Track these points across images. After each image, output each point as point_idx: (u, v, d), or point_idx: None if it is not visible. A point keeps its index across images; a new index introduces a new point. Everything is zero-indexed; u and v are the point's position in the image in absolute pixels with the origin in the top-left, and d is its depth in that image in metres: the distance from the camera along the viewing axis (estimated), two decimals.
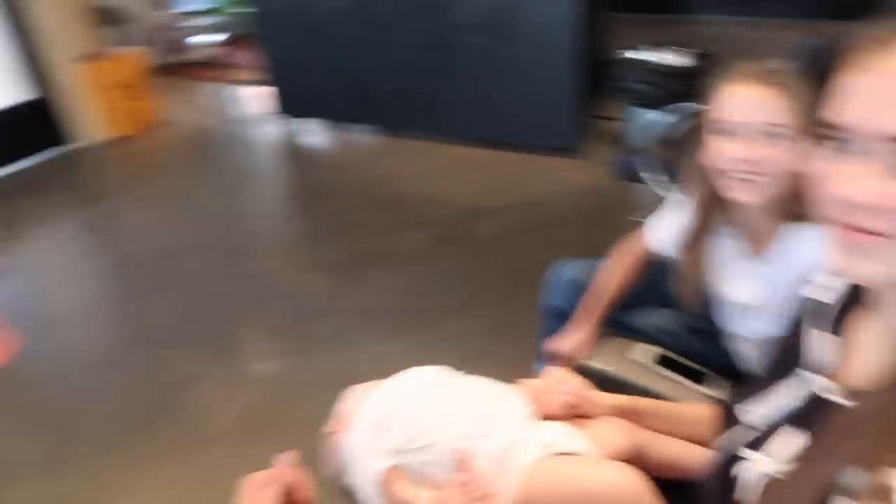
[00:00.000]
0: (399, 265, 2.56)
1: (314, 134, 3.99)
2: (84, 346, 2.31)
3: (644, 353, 1.24)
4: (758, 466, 0.65)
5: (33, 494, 1.71)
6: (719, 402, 0.87)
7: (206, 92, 5.00)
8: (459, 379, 1.00)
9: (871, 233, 0.58)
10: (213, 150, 3.97)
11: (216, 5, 5.58)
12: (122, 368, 2.16)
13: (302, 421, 1.07)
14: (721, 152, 0.98)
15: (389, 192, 3.17)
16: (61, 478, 1.75)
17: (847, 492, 0.53)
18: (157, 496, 1.68)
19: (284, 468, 0.82)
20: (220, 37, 5.45)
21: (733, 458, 0.69)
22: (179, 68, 5.35)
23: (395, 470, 0.93)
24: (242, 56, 5.13)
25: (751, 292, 1.10)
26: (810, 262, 0.79)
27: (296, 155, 3.95)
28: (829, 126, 0.57)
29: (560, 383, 0.98)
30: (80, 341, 2.34)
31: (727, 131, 0.97)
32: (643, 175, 2.69)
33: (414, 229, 2.80)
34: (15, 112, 3.75)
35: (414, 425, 0.93)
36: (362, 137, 3.88)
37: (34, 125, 3.81)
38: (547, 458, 0.87)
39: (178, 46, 5.51)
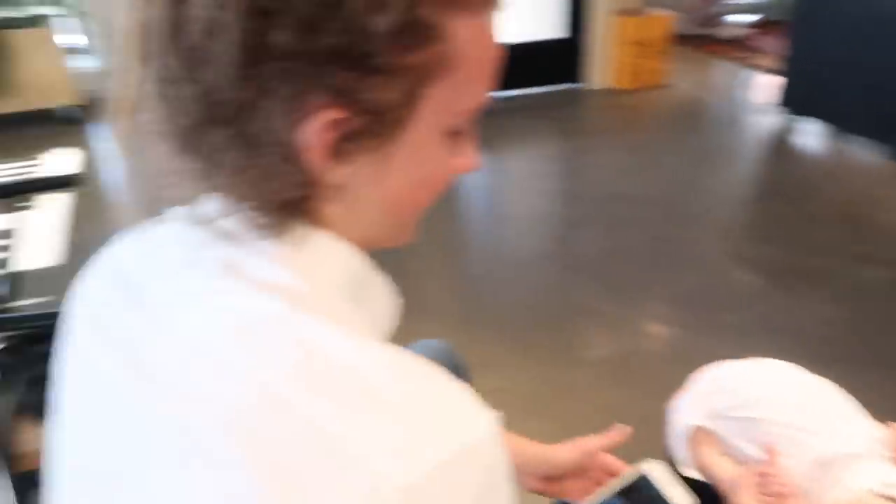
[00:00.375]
0: (838, 291, 2.28)
1: (809, 135, 3.68)
2: (515, 247, 2.69)
3: None
4: None
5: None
6: None
7: (719, 69, 4.98)
8: (819, 379, 0.93)
9: None
10: (699, 122, 3.99)
11: None
12: (537, 275, 2.47)
13: (663, 389, 1.13)
14: None
15: (866, 218, 2.79)
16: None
17: None
18: (520, 378, 1.93)
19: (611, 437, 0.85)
20: (752, 18, 5.31)
21: None
22: (701, 40, 5.41)
23: (704, 431, 0.95)
24: (767, 42, 4.93)
25: None
26: None
27: (779, 150, 3.72)
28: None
29: None
30: (513, 242, 2.73)
31: None
32: None
33: (875, 264, 2.43)
34: (548, 45, 4.36)
35: (744, 393, 0.92)
36: (862, 153, 3.43)
37: (559, 60, 4.36)
38: (879, 495, 0.77)
39: (711, 20, 5.55)
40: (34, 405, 1.13)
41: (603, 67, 4.34)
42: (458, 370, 1.06)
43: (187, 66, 0.41)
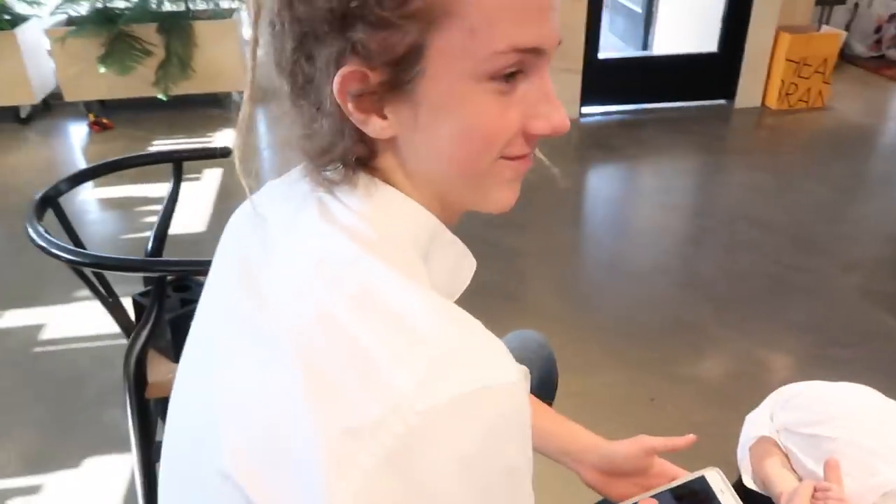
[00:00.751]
0: None
1: None
2: (629, 257, 2.69)
3: None
4: None
5: None
6: None
7: (889, 93, 4.60)
8: None
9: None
10: (855, 148, 3.73)
11: None
12: (647, 287, 2.47)
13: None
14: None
15: None
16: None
17: None
18: (611, 383, 1.97)
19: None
20: None
21: None
22: (875, 63, 5.01)
23: (770, 442, 0.95)
24: None
25: None
26: None
27: None
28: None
29: None
30: (629, 252, 2.74)
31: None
32: None
33: None
34: (700, 59, 4.24)
35: (818, 411, 0.91)
36: None
37: (711, 75, 4.22)
38: None
39: (887, 42, 5.12)
40: (171, 345, 1.35)
41: (757, 85, 4.15)
42: (548, 361, 1.11)
43: (275, 57, 0.51)
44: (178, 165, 1.57)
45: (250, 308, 0.54)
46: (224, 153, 1.61)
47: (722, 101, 4.25)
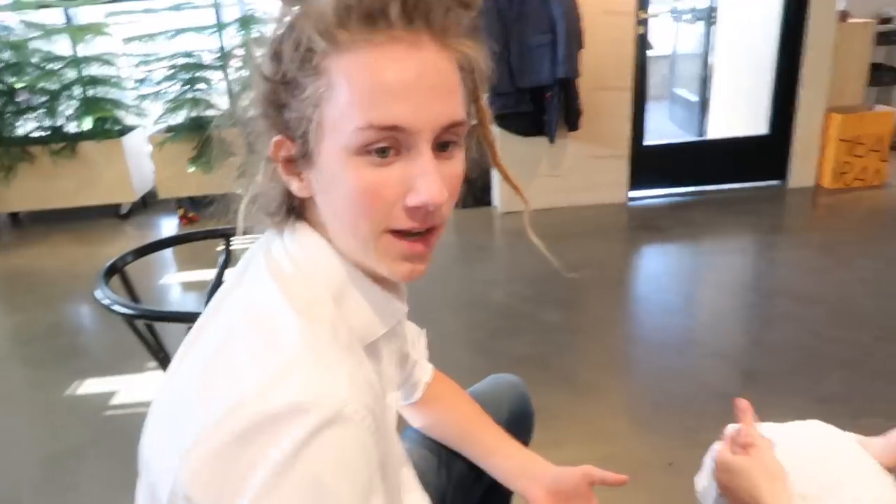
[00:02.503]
0: None
1: None
2: (663, 329, 2.73)
3: None
4: None
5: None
6: None
7: None
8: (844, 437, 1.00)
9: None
10: None
11: None
12: (677, 357, 2.49)
13: None
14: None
15: None
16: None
17: None
18: (634, 448, 2.00)
19: None
20: None
21: None
22: None
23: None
24: None
25: None
26: None
27: None
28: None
29: None
30: (663, 324, 2.77)
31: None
32: None
33: None
34: (751, 141, 4.31)
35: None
36: None
37: (763, 156, 4.28)
38: None
39: None
40: None
41: (810, 165, 4.17)
42: (520, 399, 1.18)
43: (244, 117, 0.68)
44: (227, 239, 1.83)
45: (208, 316, 0.70)
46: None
47: (775, 182, 4.27)
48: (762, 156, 4.27)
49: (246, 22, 4.34)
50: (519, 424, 1.16)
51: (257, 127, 0.66)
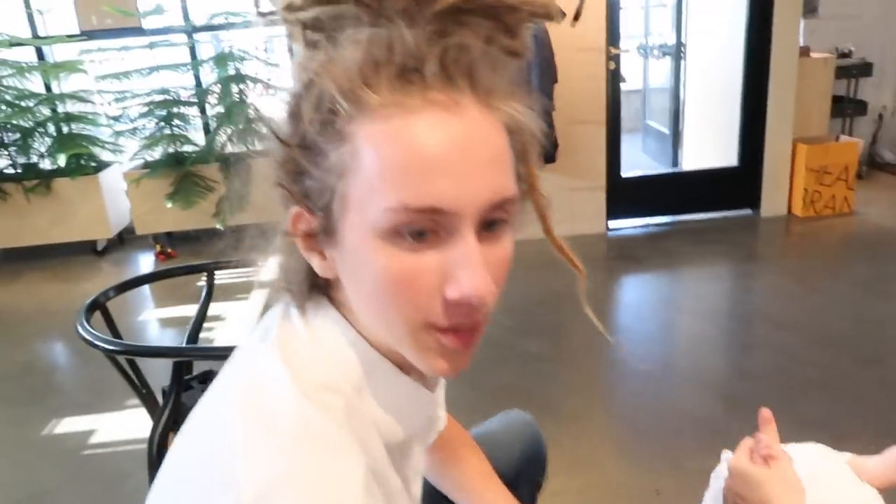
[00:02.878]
0: None
1: None
2: (642, 356, 2.75)
3: None
4: None
5: None
6: None
7: None
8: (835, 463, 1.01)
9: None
10: (883, 251, 3.74)
11: None
12: (656, 384, 2.52)
13: None
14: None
15: None
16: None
17: None
18: (615, 476, 2.00)
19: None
20: None
21: None
22: None
23: None
24: None
25: None
26: None
27: None
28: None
29: None
30: (642, 352, 2.80)
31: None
32: None
33: None
34: (722, 172, 4.42)
35: None
36: None
37: (735, 185, 4.38)
38: None
39: None
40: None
41: (781, 194, 4.28)
42: (533, 438, 1.16)
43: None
44: (210, 274, 1.82)
45: (216, 391, 0.62)
46: (246, 263, 1.85)
47: (748, 212, 4.37)
48: (734, 186, 4.37)
49: (221, 59, 4.37)
50: (532, 464, 1.13)
51: (274, 194, 0.58)
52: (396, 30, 0.50)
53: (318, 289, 0.61)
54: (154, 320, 3.44)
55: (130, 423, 2.45)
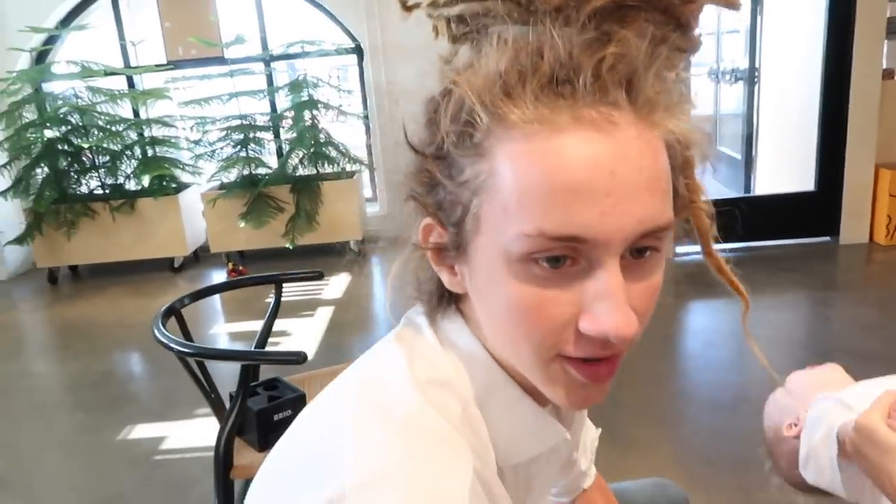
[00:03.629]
0: None
1: None
2: (722, 388, 2.66)
3: None
4: None
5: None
6: None
7: None
8: None
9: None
10: None
11: None
12: (736, 417, 2.42)
13: None
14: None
15: None
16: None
17: None
18: None
19: None
20: None
21: None
22: None
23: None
24: None
25: None
26: None
27: None
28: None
29: None
30: (721, 383, 2.70)
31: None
32: None
33: None
34: (799, 198, 4.27)
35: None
36: None
37: (812, 212, 4.22)
38: None
39: None
40: (256, 437, 1.56)
41: (862, 221, 4.09)
42: None
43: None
44: (279, 285, 1.88)
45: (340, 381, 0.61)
46: (316, 276, 1.91)
47: (826, 239, 4.19)
48: (810, 212, 4.21)
49: (296, 86, 4.54)
50: None
51: (406, 205, 0.55)
52: (547, 32, 0.45)
53: (448, 300, 0.58)
54: (224, 333, 3.56)
55: (199, 432, 2.53)
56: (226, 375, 1.78)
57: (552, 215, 0.44)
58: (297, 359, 1.28)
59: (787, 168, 4.68)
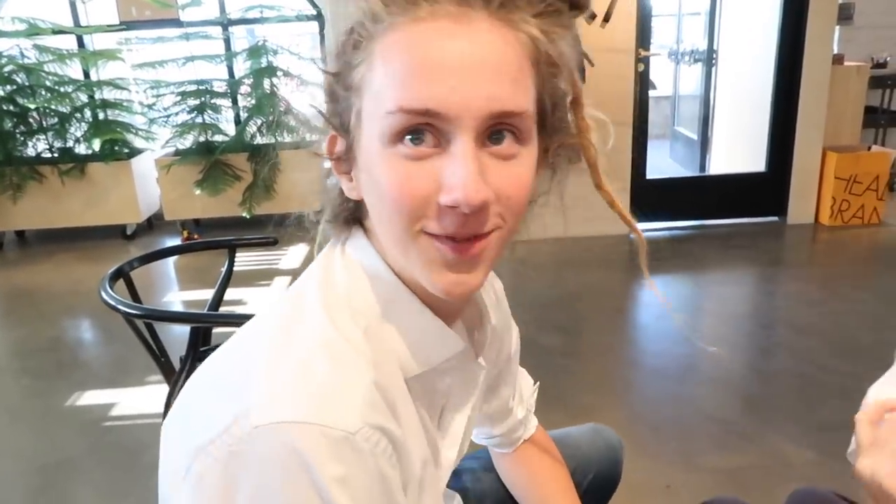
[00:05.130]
0: None
1: None
2: (660, 355, 2.74)
3: None
4: None
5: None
6: None
7: None
8: None
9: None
10: None
11: None
12: (674, 384, 2.51)
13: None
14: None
15: None
16: None
17: None
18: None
19: None
20: None
21: None
22: None
23: None
24: None
25: None
26: None
27: None
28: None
29: None
30: (661, 351, 2.78)
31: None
32: None
33: None
34: (750, 178, 4.38)
35: None
36: None
37: (762, 192, 4.33)
38: None
39: None
40: None
41: (809, 202, 4.23)
42: (610, 462, 1.11)
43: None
44: (232, 251, 1.86)
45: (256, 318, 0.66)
46: (271, 241, 1.90)
47: (774, 219, 4.32)
48: (761, 192, 4.33)
49: (255, 52, 4.45)
50: (600, 491, 1.10)
51: (318, 128, 0.61)
52: None
53: (354, 219, 0.64)
54: (177, 301, 3.51)
55: (151, 398, 2.50)
56: (177, 341, 1.77)
57: (409, 91, 0.50)
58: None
59: (740, 149, 4.79)
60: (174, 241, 4.49)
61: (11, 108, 4.43)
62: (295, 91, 4.63)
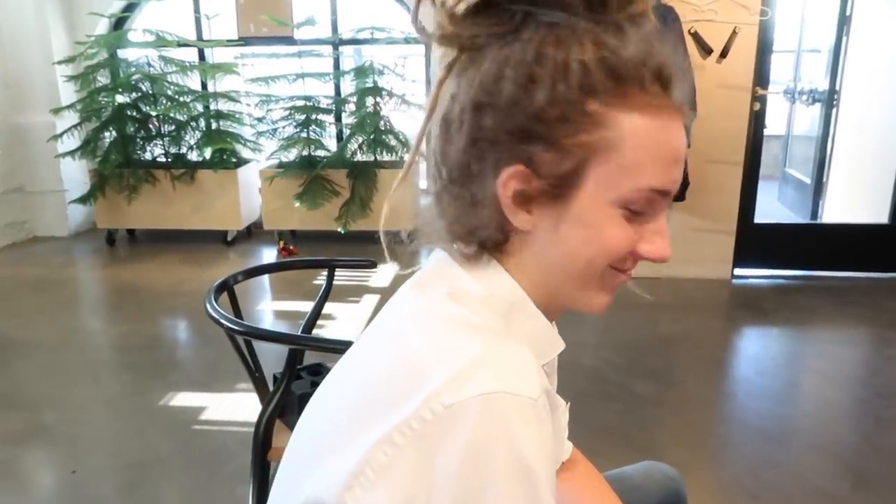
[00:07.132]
0: None
1: None
2: (772, 418, 2.55)
3: None
4: None
5: None
6: None
7: None
8: None
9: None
10: None
11: None
12: (786, 450, 2.32)
13: None
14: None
15: None
16: None
17: None
18: None
19: None
20: None
21: None
22: None
23: None
24: None
25: None
26: None
27: None
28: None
29: None
30: (771, 413, 2.60)
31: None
32: None
33: None
34: (872, 229, 4.10)
35: None
36: None
37: (884, 245, 4.01)
38: None
39: None
40: (295, 418, 1.55)
41: None
42: (671, 493, 1.08)
43: (442, 148, 0.64)
44: (331, 270, 1.86)
45: (386, 313, 0.71)
46: (369, 265, 1.90)
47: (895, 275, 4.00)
48: (882, 246, 4.02)
49: (361, 71, 4.55)
50: None
51: (481, 150, 0.61)
52: (649, 32, 0.60)
53: (495, 247, 0.67)
54: (270, 311, 3.60)
55: (239, 406, 2.55)
56: (270, 354, 1.78)
57: (664, 177, 0.60)
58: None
59: (859, 197, 4.48)
60: (270, 250, 4.63)
61: (135, 113, 4.71)
62: (396, 110, 4.69)
